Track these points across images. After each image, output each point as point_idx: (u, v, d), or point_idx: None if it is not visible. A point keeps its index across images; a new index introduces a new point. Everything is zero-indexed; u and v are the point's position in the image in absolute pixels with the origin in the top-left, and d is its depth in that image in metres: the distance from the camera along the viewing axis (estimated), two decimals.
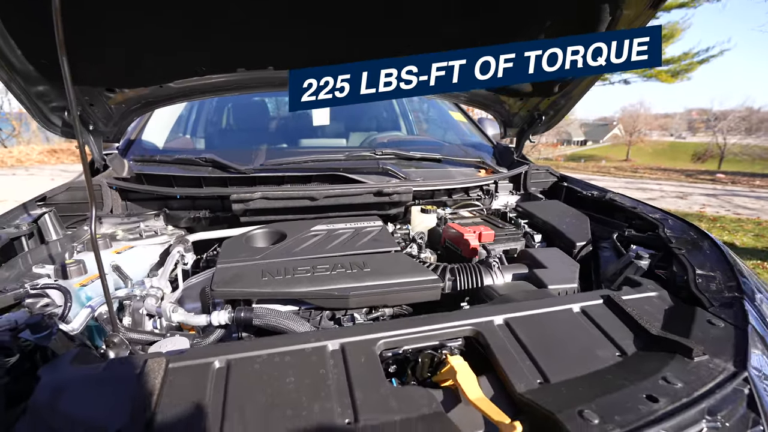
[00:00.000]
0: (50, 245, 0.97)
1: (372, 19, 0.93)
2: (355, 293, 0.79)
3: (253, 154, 1.37)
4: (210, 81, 1.10)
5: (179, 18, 0.87)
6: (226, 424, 0.47)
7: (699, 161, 33.20)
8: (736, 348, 0.61)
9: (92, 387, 0.51)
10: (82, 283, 0.78)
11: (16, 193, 6.61)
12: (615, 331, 0.66)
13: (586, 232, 1.09)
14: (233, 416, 0.48)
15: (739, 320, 0.67)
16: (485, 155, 1.65)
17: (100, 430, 0.45)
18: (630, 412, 0.49)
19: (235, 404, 0.49)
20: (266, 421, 0.48)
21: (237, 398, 0.50)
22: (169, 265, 0.93)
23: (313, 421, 0.48)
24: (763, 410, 0.53)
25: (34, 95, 0.96)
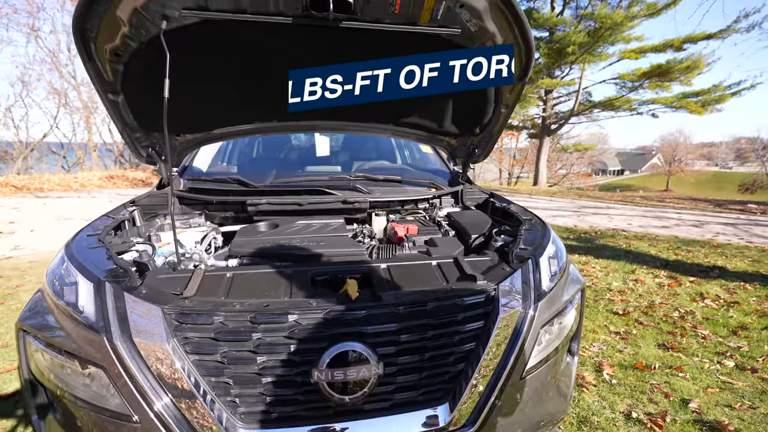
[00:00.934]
0: (139, 227, 1.58)
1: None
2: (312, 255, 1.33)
3: (266, 176, 1.97)
4: (238, 129, 1.73)
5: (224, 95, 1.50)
6: (230, 292, 1.02)
7: (746, 192, 31.57)
8: (500, 277, 1.10)
9: (165, 280, 1.08)
10: (160, 246, 1.37)
11: (82, 212, 7.68)
12: (449, 273, 1.17)
13: (482, 229, 1.59)
14: (232, 290, 1.03)
15: (515, 266, 1.16)
16: (440, 179, 2.18)
17: (170, 293, 1.01)
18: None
19: (234, 288, 1.05)
20: (247, 294, 1.03)
21: (235, 286, 1.06)
22: (206, 242, 1.52)
23: (269, 297, 1.02)
24: (497, 304, 1.03)
25: (134, 138, 1.60)
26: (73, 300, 0.97)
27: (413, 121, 1.80)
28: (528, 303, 1.07)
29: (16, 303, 3.24)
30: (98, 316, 0.92)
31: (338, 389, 0.91)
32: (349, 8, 1.13)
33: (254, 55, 1.39)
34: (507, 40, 1.33)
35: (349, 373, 0.90)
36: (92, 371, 0.90)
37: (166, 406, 0.87)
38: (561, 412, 1.20)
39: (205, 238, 1.55)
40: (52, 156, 16.89)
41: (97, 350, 0.89)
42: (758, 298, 3.51)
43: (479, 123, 1.79)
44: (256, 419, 0.92)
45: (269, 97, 1.53)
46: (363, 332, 0.94)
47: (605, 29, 14.72)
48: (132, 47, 1.25)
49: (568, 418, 1.86)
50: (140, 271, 1.14)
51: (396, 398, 0.97)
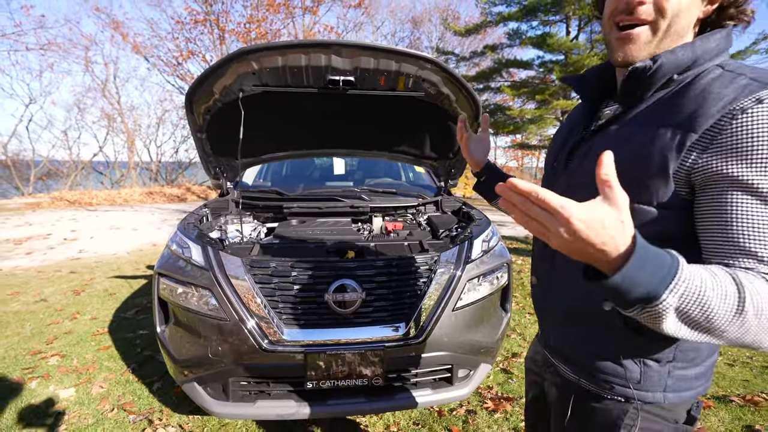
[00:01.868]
0: (211, 222, 2.31)
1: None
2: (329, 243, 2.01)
3: (296, 188, 2.70)
4: (279, 155, 2.47)
5: (271, 133, 2.24)
6: (276, 254, 1.71)
7: None
8: (443, 250, 1.75)
9: (238, 246, 1.78)
10: (228, 232, 2.10)
11: (130, 223, 8.68)
12: (413, 249, 1.83)
13: (448, 226, 2.24)
14: (277, 253, 1.72)
15: (454, 245, 1.81)
16: (427, 191, 2.86)
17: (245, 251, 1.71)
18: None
19: (278, 253, 1.74)
20: (286, 255, 1.71)
21: (279, 251, 1.75)
22: (255, 232, 2.23)
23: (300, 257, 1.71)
24: (438, 265, 1.68)
25: (208, 161, 2.35)
26: (189, 255, 1.68)
27: (402, 149, 2.50)
28: (459, 265, 1.71)
29: (92, 291, 4.06)
30: (206, 263, 1.62)
31: (339, 305, 1.57)
32: (352, 84, 1.85)
33: (293, 109, 2.13)
34: (458, 97, 2.01)
35: (346, 296, 1.56)
36: (203, 292, 1.59)
37: (244, 311, 1.55)
38: (487, 344, 1.80)
39: (255, 229, 2.27)
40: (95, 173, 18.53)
41: (206, 280, 1.58)
42: None
43: (451, 150, 2.47)
44: (292, 322, 1.59)
45: (301, 134, 2.27)
46: (353, 275, 1.61)
47: None
48: (217, 106, 2.01)
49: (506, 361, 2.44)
50: (221, 241, 1.85)
51: (373, 316, 1.62)
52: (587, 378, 0.78)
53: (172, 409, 2.08)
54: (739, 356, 2.69)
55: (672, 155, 0.61)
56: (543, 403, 0.94)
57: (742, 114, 0.56)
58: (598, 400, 0.76)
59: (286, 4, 16.26)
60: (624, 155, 0.63)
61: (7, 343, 2.83)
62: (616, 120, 0.73)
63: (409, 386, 1.69)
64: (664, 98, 0.67)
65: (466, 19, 24.78)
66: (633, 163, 0.64)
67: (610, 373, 0.74)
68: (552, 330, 0.87)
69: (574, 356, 0.80)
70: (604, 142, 0.71)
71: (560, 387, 0.85)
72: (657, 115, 0.65)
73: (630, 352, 0.72)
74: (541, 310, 0.90)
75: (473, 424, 1.97)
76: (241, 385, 1.61)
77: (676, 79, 0.66)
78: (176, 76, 16.80)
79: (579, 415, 0.79)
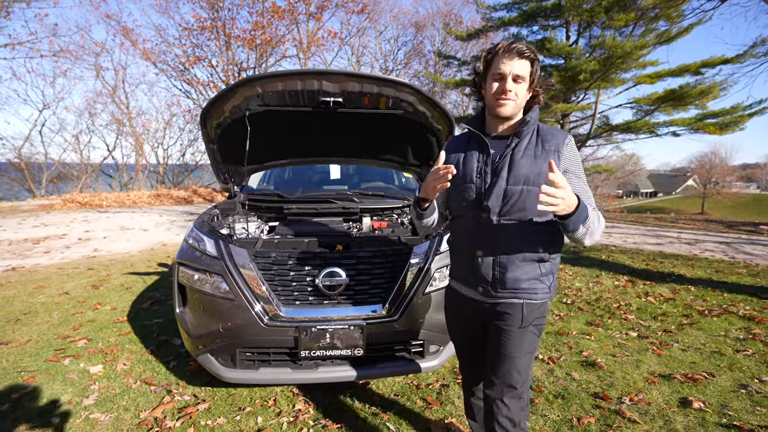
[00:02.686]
0: (221, 221, 2.65)
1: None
2: (321, 238, 2.34)
3: (295, 192, 3.03)
4: (280, 162, 2.81)
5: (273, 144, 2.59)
6: (277, 246, 2.05)
7: None
8: (416, 243, 2.08)
9: (245, 240, 2.12)
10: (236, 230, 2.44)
11: (140, 224, 9.08)
12: (392, 242, 2.16)
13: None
14: (278, 246, 2.06)
15: (427, 239, 2.14)
16: (413, 194, 3.18)
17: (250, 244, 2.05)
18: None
19: (278, 245, 2.07)
20: (285, 247, 2.05)
21: (279, 245, 2.08)
22: (259, 230, 2.57)
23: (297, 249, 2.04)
24: (410, 256, 2.01)
25: (218, 168, 2.69)
26: (204, 247, 2.02)
27: (387, 157, 2.84)
28: (428, 256, 2.03)
29: (110, 285, 4.42)
30: (218, 254, 1.96)
31: (327, 288, 1.91)
32: (340, 104, 2.19)
33: (291, 123, 2.47)
34: (434, 114, 2.34)
35: (333, 281, 1.89)
36: (215, 278, 1.92)
37: (249, 292, 1.88)
38: None
39: (259, 227, 2.61)
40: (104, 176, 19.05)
41: (218, 268, 1.92)
42: (695, 296, 4.23)
43: (431, 158, 2.80)
44: (288, 301, 1.92)
45: (300, 145, 2.61)
46: (340, 263, 1.94)
47: (616, 57, 15.40)
48: (227, 122, 2.35)
49: None
50: (230, 237, 2.19)
51: (355, 298, 1.95)
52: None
53: (187, 382, 2.42)
54: (693, 343, 2.99)
55: (557, 161, 1.25)
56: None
57: (566, 144, 1.28)
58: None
59: (290, 10, 16.71)
60: (538, 167, 1.25)
61: (39, 329, 3.18)
62: (516, 149, 1.29)
63: (387, 357, 2.01)
64: (532, 137, 1.30)
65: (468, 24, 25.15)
66: (543, 170, 1.24)
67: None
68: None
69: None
70: (521, 161, 1.27)
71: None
72: (537, 144, 1.28)
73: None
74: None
75: (445, 395, 2.28)
76: (247, 355, 1.94)
77: (532, 129, 1.31)
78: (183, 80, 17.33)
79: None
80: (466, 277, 1.40)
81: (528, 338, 1.30)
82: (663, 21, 14.80)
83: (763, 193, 58.90)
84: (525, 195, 1.24)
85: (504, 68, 1.23)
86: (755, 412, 2.10)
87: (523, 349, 1.30)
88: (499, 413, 1.30)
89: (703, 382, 2.40)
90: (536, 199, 1.12)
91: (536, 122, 1.32)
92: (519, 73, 1.24)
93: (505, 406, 1.29)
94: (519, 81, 1.25)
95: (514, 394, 1.30)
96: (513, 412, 1.29)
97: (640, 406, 2.16)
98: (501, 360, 1.30)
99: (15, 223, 8.74)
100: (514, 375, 1.29)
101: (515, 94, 1.25)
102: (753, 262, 6.02)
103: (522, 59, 1.24)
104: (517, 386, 1.30)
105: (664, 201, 54.78)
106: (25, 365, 2.61)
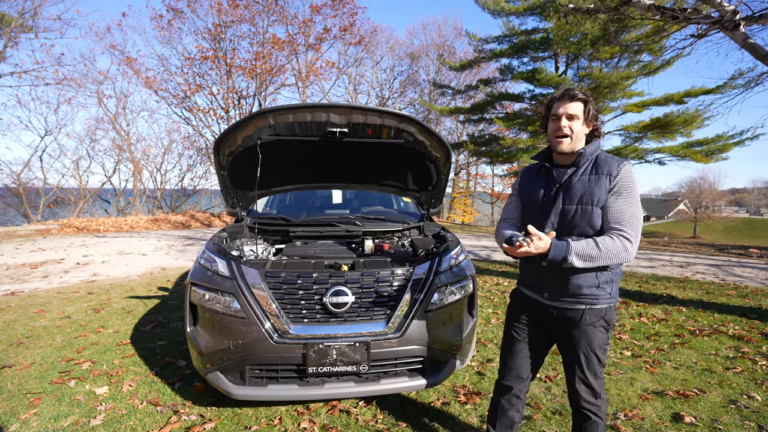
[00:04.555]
0: (230, 243, 2.76)
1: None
2: (327, 256, 2.46)
3: (300, 215, 3.17)
4: (286, 188, 2.95)
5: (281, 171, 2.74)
6: (285, 267, 2.16)
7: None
8: (417, 263, 2.21)
9: (255, 261, 2.23)
10: (244, 252, 2.55)
11: (138, 248, 9.11)
12: (395, 263, 2.28)
13: (427, 246, 2.68)
14: (286, 267, 2.17)
15: (428, 260, 2.26)
16: (412, 218, 3.33)
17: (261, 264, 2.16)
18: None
19: (287, 266, 2.19)
20: (294, 268, 2.16)
21: (287, 266, 2.20)
22: (266, 252, 2.68)
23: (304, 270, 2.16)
24: (412, 275, 2.13)
25: (228, 193, 2.83)
26: (216, 268, 2.13)
27: (388, 183, 3.00)
28: (430, 275, 2.15)
29: (111, 309, 4.45)
30: (231, 273, 2.06)
31: (334, 306, 2.01)
32: (346, 134, 2.36)
33: (299, 152, 2.63)
34: (431, 143, 2.52)
35: (339, 299, 2.00)
36: (227, 297, 2.02)
37: (260, 310, 1.98)
38: (455, 342, 2.21)
39: (266, 249, 2.72)
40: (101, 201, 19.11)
41: (230, 287, 2.02)
42: (687, 317, 4.34)
43: (430, 184, 2.97)
44: (297, 319, 2.01)
45: (307, 172, 2.77)
46: (346, 282, 2.05)
47: (603, 87, 16.05)
48: (239, 150, 2.51)
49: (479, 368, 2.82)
50: (240, 258, 2.30)
51: (360, 316, 2.05)
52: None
53: (193, 402, 2.46)
54: (685, 361, 3.08)
55: (607, 185, 1.44)
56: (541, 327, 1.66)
57: (620, 170, 1.46)
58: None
59: (290, 42, 17.36)
60: (590, 189, 1.45)
61: (42, 353, 3.21)
62: (574, 175, 1.52)
63: (390, 374, 2.10)
64: (589, 165, 1.51)
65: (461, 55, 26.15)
66: (594, 192, 1.44)
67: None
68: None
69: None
70: (577, 184, 1.49)
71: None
72: (592, 171, 1.49)
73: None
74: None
75: (447, 412, 2.35)
76: (255, 372, 2.02)
77: (589, 158, 1.51)
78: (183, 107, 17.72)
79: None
80: (532, 284, 1.62)
81: (597, 336, 1.51)
82: (646, 54, 15.57)
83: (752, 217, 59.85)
84: (579, 213, 1.45)
85: (559, 110, 1.49)
86: (744, 426, 2.18)
87: (595, 344, 1.51)
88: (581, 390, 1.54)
89: (694, 398, 2.48)
90: (590, 217, 1.43)
91: (594, 153, 1.52)
92: (572, 112, 1.48)
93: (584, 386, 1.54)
94: (573, 119, 1.48)
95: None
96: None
97: (635, 422, 2.24)
98: (573, 354, 1.55)
99: (12, 247, 8.73)
100: (585, 363, 1.53)
101: (570, 129, 1.48)
102: (742, 284, 6.16)
103: (574, 102, 1.48)
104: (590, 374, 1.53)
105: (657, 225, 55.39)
106: (31, 387, 2.64)
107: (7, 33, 14.65)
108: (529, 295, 1.64)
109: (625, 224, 1.39)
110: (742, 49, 4.79)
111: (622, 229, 1.39)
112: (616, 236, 1.38)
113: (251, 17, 16.54)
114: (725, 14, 4.40)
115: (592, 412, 1.53)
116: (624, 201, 1.42)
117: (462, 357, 2.28)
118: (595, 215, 1.43)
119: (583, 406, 1.54)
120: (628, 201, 1.42)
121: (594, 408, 1.53)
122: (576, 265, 1.38)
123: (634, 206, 1.43)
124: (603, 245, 1.37)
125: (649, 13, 5.04)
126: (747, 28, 4.67)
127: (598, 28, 14.47)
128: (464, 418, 2.30)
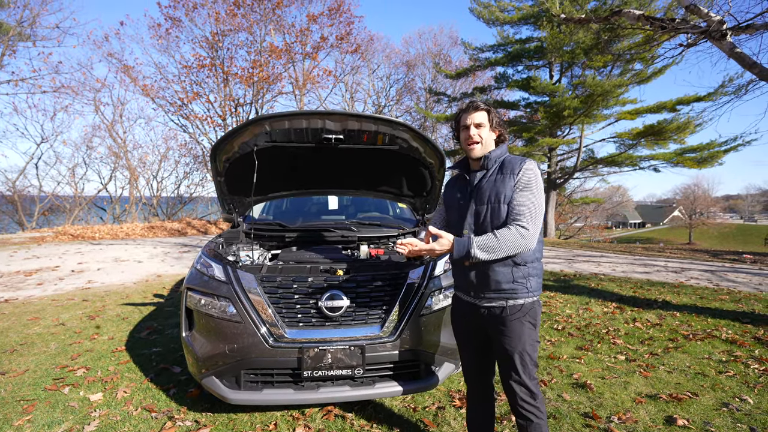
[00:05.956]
0: (226, 249, 2.78)
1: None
2: (322, 264, 2.48)
3: (296, 221, 3.19)
4: (282, 194, 2.98)
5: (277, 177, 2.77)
6: (281, 272, 2.18)
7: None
8: (411, 268, 2.23)
9: (251, 266, 2.25)
10: (240, 257, 2.56)
11: (133, 256, 9.07)
12: (388, 267, 2.30)
13: None
14: (282, 271, 2.19)
15: (421, 264, 2.29)
16: (407, 223, 3.36)
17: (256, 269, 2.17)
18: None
19: (282, 271, 2.21)
20: (289, 273, 2.18)
21: (283, 270, 2.22)
22: (262, 257, 2.70)
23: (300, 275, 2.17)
24: (406, 280, 2.15)
25: (224, 199, 2.85)
26: (212, 273, 2.14)
27: (383, 189, 3.03)
28: (423, 281, 2.18)
29: (106, 316, 4.43)
30: (227, 278, 2.08)
31: (329, 310, 2.02)
32: (341, 140, 2.40)
33: (295, 158, 2.67)
34: (425, 150, 2.56)
35: (334, 303, 2.02)
36: (223, 302, 2.04)
37: (255, 315, 1.99)
38: (449, 345, 2.21)
39: (262, 254, 2.74)
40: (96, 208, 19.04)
41: (226, 292, 2.04)
42: (681, 322, 4.37)
43: (425, 190, 3.00)
44: (293, 323, 2.03)
45: (303, 178, 2.80)
46: (341, 287, 2.07)
47: (597, 95, 16.24)
48: (235, 156, 2.54)
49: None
50: (236, 263, 2.32)
51: (355, 320, 2.06)
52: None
53: (188, 408, 2.46)
54: (678, 365, 3.10)
55: (512, 183, 1.53)
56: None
57: (521, 167, 1.56)
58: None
59: (287, 50, 17.50)
60: (496, 189, 1.54)
61: (36, 360, 3.20)
62: (483, 178, 1.62)
63: (385, 378, 2.11)
64: (496, 167, 1.61)
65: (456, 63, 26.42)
66: (500, 190, 1.53)
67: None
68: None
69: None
70: (485, 185, 1.59)
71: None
72: (499, 172, 1.58)
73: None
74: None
75: (442, 417, 2.35)
76: (251, 377, 2.03)
77: (496, 161, 1.62)
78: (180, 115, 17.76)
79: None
80: (461, 285, 1.69)
81: (525, 332, 1.56)
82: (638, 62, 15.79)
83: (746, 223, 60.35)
84: (490, 212, 1.54)
85: (467, 120, 1.61)
86: (736, 429, 2.20)
87: (523, 341, 1.55)
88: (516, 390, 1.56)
89: (687, 401, 2.50)
90: (498, 214, 1.52)
91: (501, 156, 1.63)
92: (478, 121, 1.60)
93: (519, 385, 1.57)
94: (480, 127, 1.61)
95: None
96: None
97: (628, 425, 2.25)
98: (504, 353, 1.57)
99: (6, 255, 8.68)
100: (518, 362, 1.55)
101: (479, 137, 1.60)
102: (736, 289, 6.21)
103: (479, 111, 1.61)
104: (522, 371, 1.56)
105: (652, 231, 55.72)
106: (24, 394, 2.63)
107: (5, 41, 14.70)
108: (463, 297, 1.71)
109: (523, 215, 1.48)
110: (731, 58, 4.90)
111: (519, 219, 1.48)
112: (513, 226, 1.47)
113: (249, 26, 16.68)
114: (712, 24, 4.51)
115: (533, 413, 1.55)
116: (524, 194, 1.51)
117: (457, 361, 2.30)
118: (503, 212, 1.52)
119: (523, 407, 1.56)
120: (528, 194, 1.51)
121: (533, 409, 1.55)
122: (480, 257, 1.45)
123: (533, 198, 1.52)
124: (500, 236, 1.45)
125: (639, 23, 5.15)
126: (734, 37, 4.77)
127: (591, 37, 14.70)
128: (459, 422, 2.31)
